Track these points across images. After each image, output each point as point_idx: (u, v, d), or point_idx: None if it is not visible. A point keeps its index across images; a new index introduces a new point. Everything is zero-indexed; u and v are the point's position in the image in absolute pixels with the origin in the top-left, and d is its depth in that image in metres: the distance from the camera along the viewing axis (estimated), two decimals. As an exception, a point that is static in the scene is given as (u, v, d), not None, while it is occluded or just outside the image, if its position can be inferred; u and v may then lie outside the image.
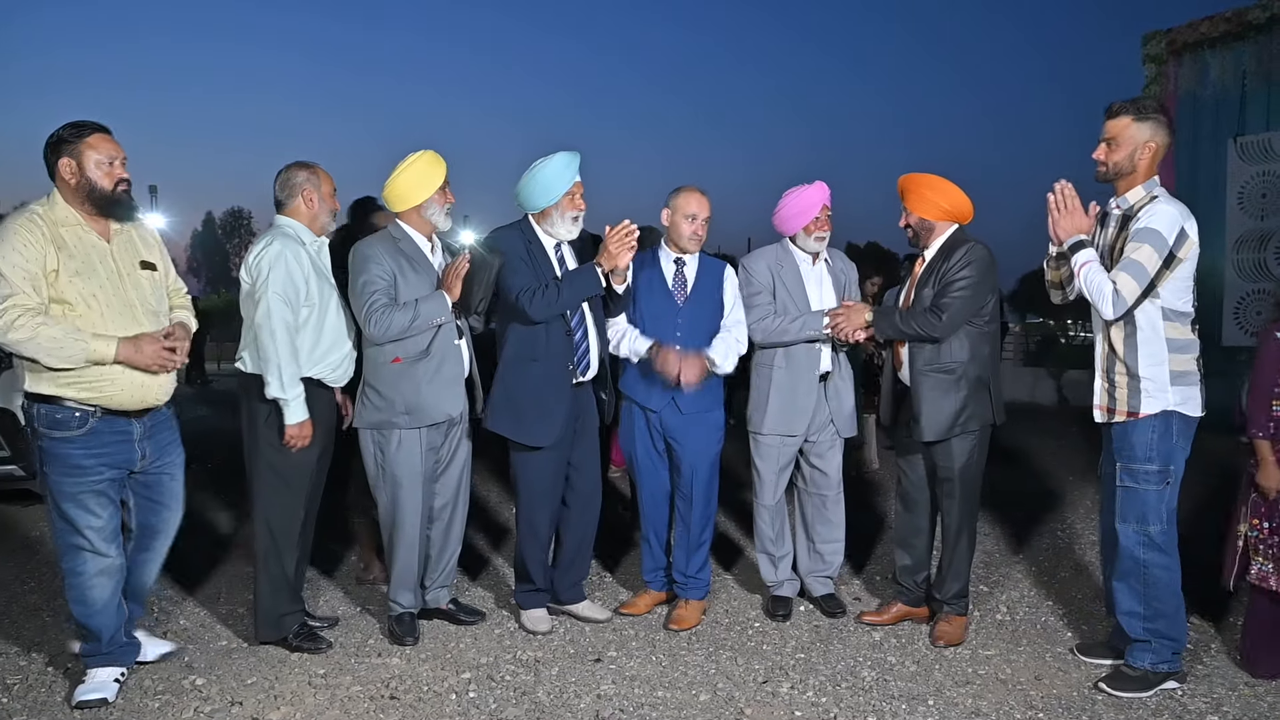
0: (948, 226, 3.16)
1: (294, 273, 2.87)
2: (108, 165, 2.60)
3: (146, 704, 2.69)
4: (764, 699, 2.76)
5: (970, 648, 3.17)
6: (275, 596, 3.02)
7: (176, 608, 3.48)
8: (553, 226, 3.15)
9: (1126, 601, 2.80)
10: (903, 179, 3.25)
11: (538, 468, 3.16)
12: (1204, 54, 8.70)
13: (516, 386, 3.10)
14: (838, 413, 3.41)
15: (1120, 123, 2.71)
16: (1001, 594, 3.76)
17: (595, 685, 2.84)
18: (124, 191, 2.65)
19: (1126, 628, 2.82)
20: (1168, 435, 2.70)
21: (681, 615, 3.34)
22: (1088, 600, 3.69)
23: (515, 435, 3.12)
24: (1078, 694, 2.80)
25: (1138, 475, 2.73)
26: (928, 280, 3.13)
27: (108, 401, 2.59)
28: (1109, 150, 2.73)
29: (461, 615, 3.34)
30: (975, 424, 3.08)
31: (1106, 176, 2.75)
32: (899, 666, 3.00)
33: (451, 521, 3.28)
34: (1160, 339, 2.68)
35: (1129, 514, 2.76)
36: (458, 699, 2.74)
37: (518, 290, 3.05)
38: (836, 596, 3.52)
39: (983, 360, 3.09)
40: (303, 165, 3.06)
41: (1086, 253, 2.72)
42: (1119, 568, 2.80)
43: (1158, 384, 2.68)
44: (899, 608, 3.37)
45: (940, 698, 2.77)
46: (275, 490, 2.98)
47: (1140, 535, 2.74)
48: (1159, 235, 2.60)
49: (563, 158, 3.10)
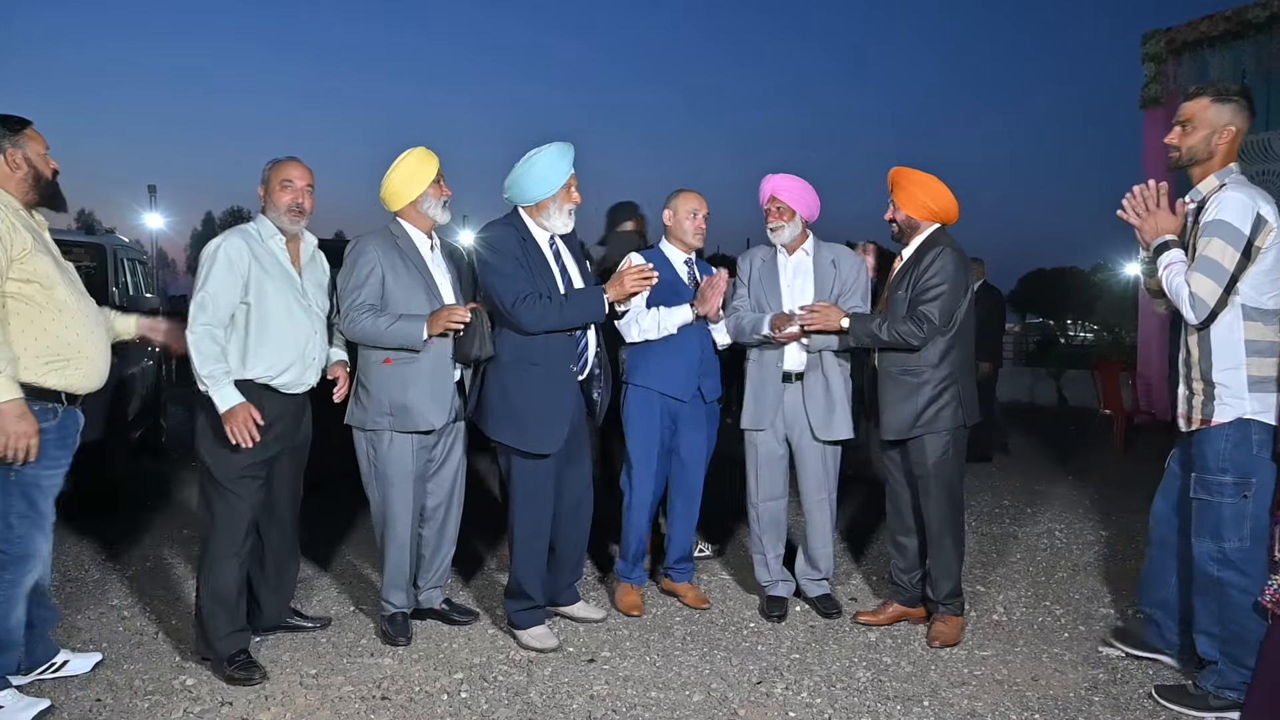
0: (930, 226, 3.14)
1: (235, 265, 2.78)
2: (43, 157, 2.64)
3: (136, 704, 2.67)
4: (758, 699, 2.74)
5: (966, 648, 3.15)
6: (213, 617, 2.82)
7: (169, 607, 3.46)
8: (548, 219, 3.09)
9: (1203, 620, 2.66)
10: (895, 172, 3.21)
11: (539, 475, 3.05)
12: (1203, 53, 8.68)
13: (517, 393, 2.99)
14: (814, 414, 3.31)
15: (1198, 104, 2.55)
16: (999, 594, 3.74)
17: (588, 686, 2.82)
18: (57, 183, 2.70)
19: (1200, 647, 2.69)
20: (1244, 445, 2.51)
21: (697, 597, 3.55)
22: (1085, 600, 3.67)
23: (520, 444, 3.00)
24: (1074, 695, 2.78)
25: (1210, 487, 2.56)
26: (901, 282, 3.11)
27: (80, 385, 2.61)
28: (1184, 133, 2.57)
29: (455, 615, 3.32)
30: (942, 425, 3.05)
31: (1180, 162, 2.60)
32: (894, 667, 2.98)
33: (445, 522, 3.26)
34: (1237, 341, 2.49)
35: (1203, 528, 2.60)
36: (449, 699, 2.72)
37: (514, 296, 2.94)
38: (832, 597, 3.49)
39: (953, 362, 3.07)
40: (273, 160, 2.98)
41: (1170, 254, 2.53)
42: (1196, 584, 2.66)
43: (1233, 390, 2.50)
44: (895, 608, 3.35)
45: (936, 698, 2.75)
46: (211, 498, 2.84)
47: (1214, 551, 2.57)
48: (1228, 226, 2.42)
49: (558, 148, 3.05)
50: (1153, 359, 9.17)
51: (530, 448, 3.01)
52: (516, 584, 3.11)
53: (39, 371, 2.53)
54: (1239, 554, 2.54)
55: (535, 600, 3.13)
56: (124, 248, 6.17)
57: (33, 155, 2.60)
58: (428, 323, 2.94)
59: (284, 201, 2.89)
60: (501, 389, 3.01)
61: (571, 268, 3.16)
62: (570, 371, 3.05)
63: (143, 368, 5.89)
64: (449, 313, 2.94)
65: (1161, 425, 8.00)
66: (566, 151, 3.06)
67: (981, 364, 6.80)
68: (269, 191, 2.92)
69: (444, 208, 3.12)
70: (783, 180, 3.35)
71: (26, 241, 2.51)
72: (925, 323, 2.99)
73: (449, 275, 3.16)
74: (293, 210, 2.90)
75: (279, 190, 2.90)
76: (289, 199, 2.89)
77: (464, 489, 3.31)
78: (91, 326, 2.66)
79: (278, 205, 2.90)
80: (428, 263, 3.09)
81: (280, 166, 2.93)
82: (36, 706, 2.58)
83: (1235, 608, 2.56)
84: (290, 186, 2.89)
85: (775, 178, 3.36)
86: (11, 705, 2.55)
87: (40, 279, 2.53)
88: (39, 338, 2.53)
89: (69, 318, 2.58)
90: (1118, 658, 3.06)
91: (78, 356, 2.60)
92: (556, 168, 3.03)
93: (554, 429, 3.01)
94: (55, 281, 2.56)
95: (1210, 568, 2.60)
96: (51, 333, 2.55)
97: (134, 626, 3.27)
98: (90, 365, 2.64)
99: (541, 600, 3.15)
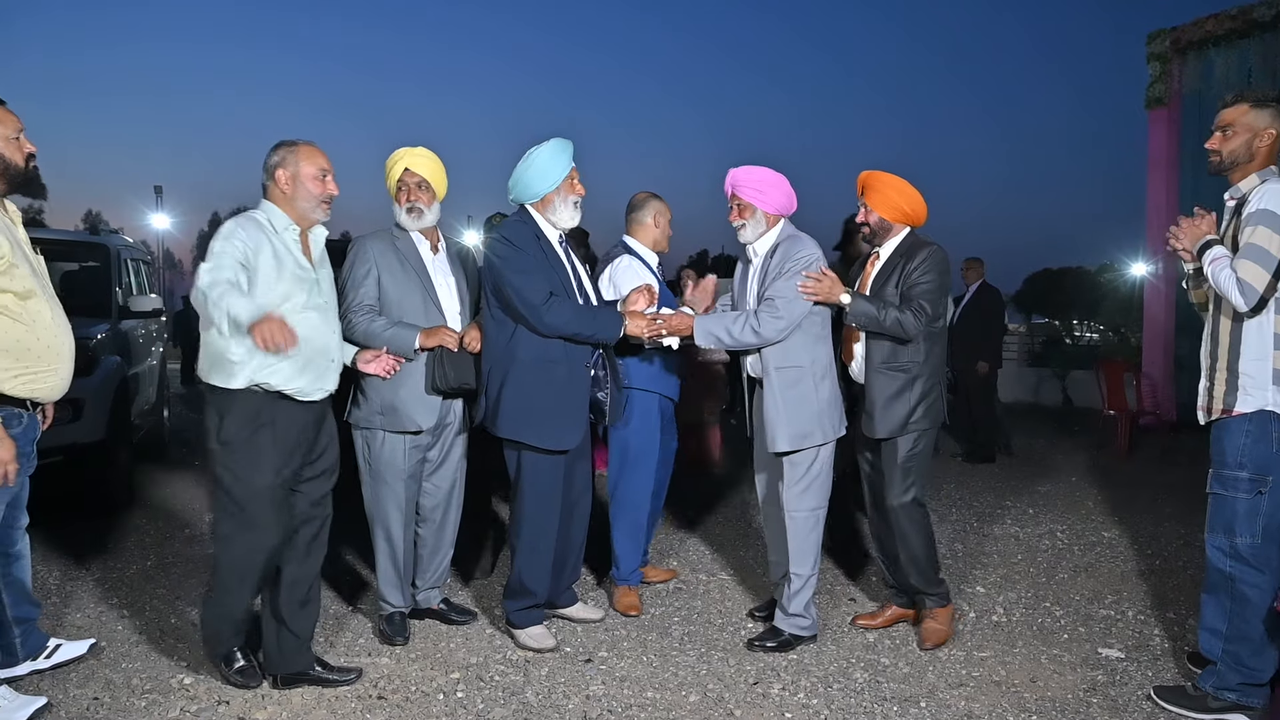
0: (902, 229, 3.17)
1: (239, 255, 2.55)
2: (15, 139, 2.47)
3: (133, 703, 2.68)
4: (754, 700, 2.74)
5: (965, 649, 3.14)
6: (217, 634, 2.71)
7: (168, 606, 3.47)
8: (555, 214, 3.07)
9: (1211, 617, 2.63)
10: (866, 175, 3.18)
11: (551, 473, 3.02)
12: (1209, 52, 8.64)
13: (537, 391, 2.94)
14: (760, 426, 3.13)
15: (1237, 109, 2.60)
16: (999, 595, 3.73)
17: (584, 686, 2.82)
18: (35, 167, 2.52)
19: (1205, 647, 2.66)
20: (1264, 440, 2.51)
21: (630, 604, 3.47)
22: (1086, 601, 3.65)
23: (540, 441, 2.95)
24: (1072, 696, 2.77)
25: (1226, 481, 2.57)
26: (887, 279, 3.10)
27: (45, 394, 2.54)
28: (1224, 139, 2.61)
29: (453, 615, 3.32)
30: (927, 422, 3.08)
31: (1222, 167, 2.63)
32: (892, 668, 2.97)
33: (444, 522, 3.26)
34: (1268, 332, 2.50)
35: (1216, 523, 2.60)
36: (445, 699, 2.72)
37: (542, 295, 2.88)
38: (779, 630, 3.13)
39: (935, 360, 3.10)
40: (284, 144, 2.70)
41: (1214, 250, 2.55)
42: (1206, 580, 2.65)
43: (1257, 381, 2.51)
44: (893, 610, 3.34)
45: (933, 700, 2.74)
46: (229, 519, 2.58)
47: (1226, 546, 2.57)
48: (1272, 214, 2.45)
49: (557, 142, 3.05)
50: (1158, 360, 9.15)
51: (552, 444, 2.98)
52: (519, 582, 3.09)
53: (7, 381, 2.45)
54: (1251, 550, 2.54)
55: (537, 597, 3.11)
56: (128, 248, 6.20)
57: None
58: (422, 335, 2.96)
59: (320, 192, 2.67)
60: (520, 388, 2.95)
61: (579, 267, 3.17)
62: (585, 369, 3.05)
63: (147, 367, 5.92)
64: (443, 335, 2.98)
65: (1166, 426, 7.99)
66: (566, 145, 3.06)
67: (980, 364, 6.79)
68: (296, 178, 2.64)
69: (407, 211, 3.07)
70: (741, 173, 3.11)
71: (4, 250, 2.41)
72: (922, 315, 2.99)
73: (453, 279, 3.16)
74: (326, 202, 2.69)
75: (314, 179, 2.65)
76: (325, 190, 2.68)
77: (463, 490, 3.31)
78: (62, 336, 2.57)
79: (310, 195, 2.65)
80: (427, 266, 3.09)
81: (311, 152, 2.67)
82: (33, 704, 2.59)
83: (1248, 605, 2.55)
84: (327, 175, 2.68)
85: (734, 171, 3.14)
86: (9, 703, 2.56)
87: (16, 289, 2.44)
88: (10, 349, 2.44)
89: (42, 329, 2.50)
90: (1117, 659, 3.05)
91: (46, 368, 2.51)
92: (557, 161, 3.03)
93: (575, 425, 3.02)
94: (32, 292, 2.47)
95: (1222, 563, 2.60)
96: (24, 344, 2.46)
97: (133, 625, 3.27)
98: (57, 377, 2.56)
99: (544, 597, 3.14)
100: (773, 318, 2.96)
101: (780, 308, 2.96)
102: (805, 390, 3.02)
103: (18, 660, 2.78)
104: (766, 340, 2.99)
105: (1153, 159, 9.30)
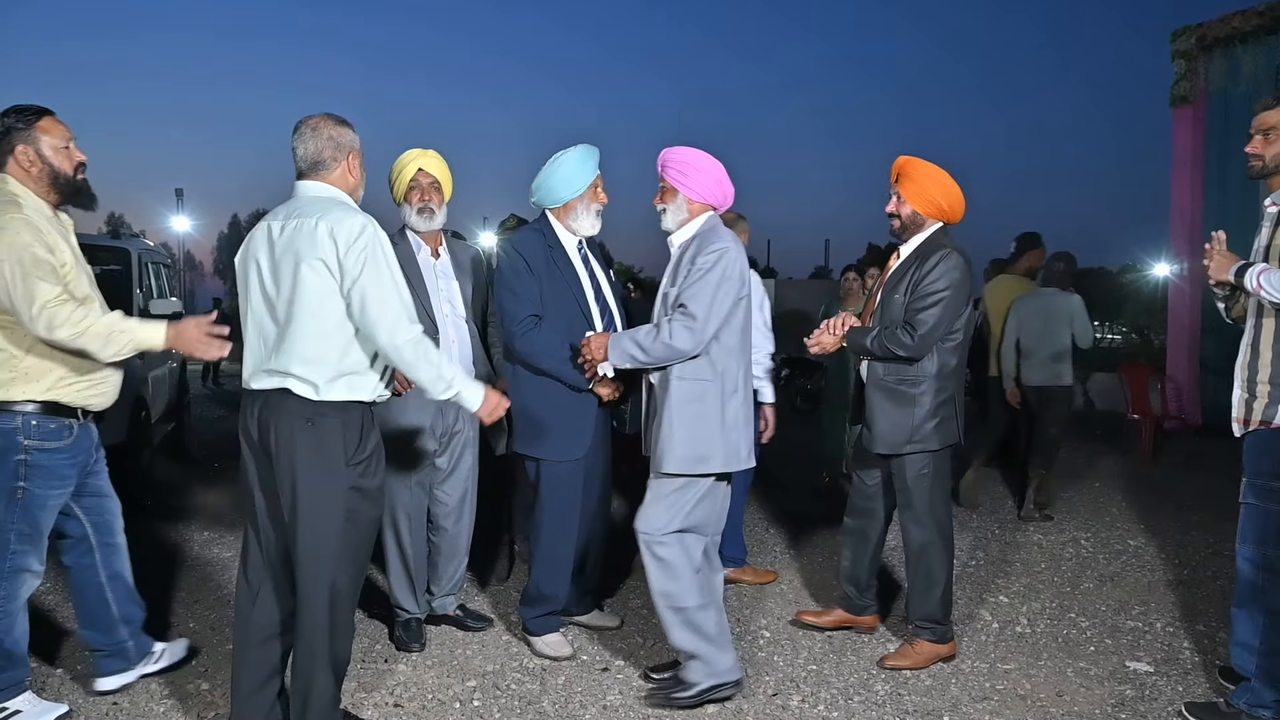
0: (933, 224, 2.96)
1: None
2: (65, 149, 2.47)
3: (152, 708, 2.68)
4: (773, 712, 2.70)
5: (989, 661, 3.08)
6: (335, 696, 2.32)
7: (186, 610, 3.48)
8: (576, 221, 3.04)
9: (1243, 632, 2.59)
10: (903, 161, 2.97)
11: (569, 479, 3.01)
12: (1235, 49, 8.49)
13: (539, 405, 2.95)
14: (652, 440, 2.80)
15: (1276, 113, 2.56)
16: (1022, 605, 3.66)
17: (601, 695, 2.79)
18: (84, 178, 2.51)
19: (1238, 662, 2.62)
20: None
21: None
22: (1112, 612, 3.58)
23: (549, 454, 2.96)
24: (1100, 712, 2.71)
25: (1260, 492, 2.52)
26: (898, 284, 2.93)
27: (100, 402, 2.56)
28: (1265, 142, 2.56)
29: (469, 622, 3.31)
30: (935, 443, 2.89)
31: (1264, 170, 2.58)
32: (914, 680, 2.92)
33: (458, 530, 3.24)
34: None
35: (1248, 534, 2.56)
36: (461, 707, 2.71)
37: (517, 320, 2.91)
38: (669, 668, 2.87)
39: (948, 374, 2.89)
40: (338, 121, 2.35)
41: (1255, 268, 2.48)
42: (1237, 593, 2.62)
43: None
44: (838, 613, 3.29)
45: (956, 713, 2.69)
46: (347, 547, 2.25)
47: (1258, 558, 2.53)
48: None
49: (583, 149, 3.03)
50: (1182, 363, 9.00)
51: (560, 455, 2.97)
52: (537, 588, 3.07)
53: (64, 391, 2.46)
54: None
55: (556, 603, 3.09)
56: (148, 251, 6.24)
57: (48, 150, 2.42)
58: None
59: None
60: (523, 404, 2.96)
61: (600, 275, 3.13)
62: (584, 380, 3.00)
63: (167, 369, 5.96)
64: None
65: (1191, 431, 7.85)
66: (592, 152, 3.04)
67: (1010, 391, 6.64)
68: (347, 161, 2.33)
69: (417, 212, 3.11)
70: (670, 152, 2.77)
71: (67, 259, 2.42)
72: (917, 332, 2.82)
73: (455, 284, 3.16)
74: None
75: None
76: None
77: (476, 497, 3.29)
78: None
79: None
80: (423, 272, 3.09)
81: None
82: (55, 711, 2.60)
83: (1277, 619, 2.49)
84: None
85: (666, 150, 2.80)
86: (30, 710, 2.56)
87: (77, 298, 2.43)
88: (68, 358, 2.44)
89: None
90: (1145, 673, 2.98)
91: (98, 374, 2.53)
92: (583, 167, 3.00)
93: (579, 433, 2.99)
94: (90, 299, 2.47)
95: (1254, 575, 2.55)
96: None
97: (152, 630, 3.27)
98: (108, 384, 2.58)
99: (562, 603, 3.12)
100: (685, 328, 2.57)
101: (695, 314, 2.57)
102: (708, 408, 2.62)
103: (131, 665, 2.76)
104: (682, 353, 2.59)
105: (1178, 158, 9.14)
